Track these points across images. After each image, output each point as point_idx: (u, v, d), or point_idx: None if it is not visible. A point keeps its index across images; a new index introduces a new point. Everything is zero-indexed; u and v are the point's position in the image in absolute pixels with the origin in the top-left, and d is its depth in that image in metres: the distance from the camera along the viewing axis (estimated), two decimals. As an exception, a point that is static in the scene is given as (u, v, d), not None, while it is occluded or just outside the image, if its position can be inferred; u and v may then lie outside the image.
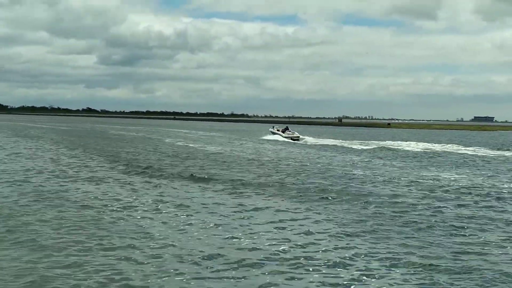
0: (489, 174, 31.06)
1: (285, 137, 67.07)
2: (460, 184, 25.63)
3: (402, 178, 27.52)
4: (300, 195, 21.30)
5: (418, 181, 26.34)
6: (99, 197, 20.06)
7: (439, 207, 19.11)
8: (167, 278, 10.95)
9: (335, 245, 13.59)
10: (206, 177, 26.30)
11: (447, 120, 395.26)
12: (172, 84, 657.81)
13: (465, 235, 14.94)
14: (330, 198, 20.71)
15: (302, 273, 11.43)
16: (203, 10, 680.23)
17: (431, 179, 27.41)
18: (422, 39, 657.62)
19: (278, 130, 71.35)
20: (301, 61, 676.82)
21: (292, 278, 11.15)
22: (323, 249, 13.25)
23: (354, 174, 28.95)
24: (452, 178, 28.10)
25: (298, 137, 67.49)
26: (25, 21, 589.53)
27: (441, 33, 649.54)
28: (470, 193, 22.68)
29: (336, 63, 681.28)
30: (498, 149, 56.79)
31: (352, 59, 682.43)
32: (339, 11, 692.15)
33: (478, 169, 34.13)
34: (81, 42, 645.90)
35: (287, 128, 70.67)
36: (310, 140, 67.22)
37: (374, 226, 15.78)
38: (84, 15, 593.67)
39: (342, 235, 14.62)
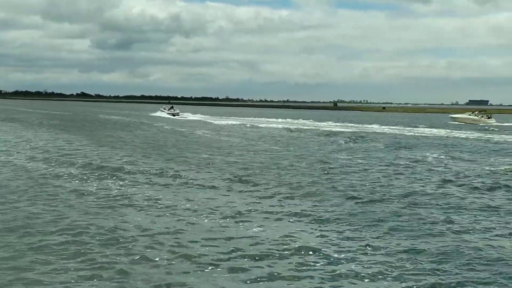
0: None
1: (168, 113, 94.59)
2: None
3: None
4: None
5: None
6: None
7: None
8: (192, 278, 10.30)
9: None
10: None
11: (442, 104, 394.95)
12: (168, 68, 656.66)
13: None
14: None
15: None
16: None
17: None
18: (416, 22, 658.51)
19: (164, 109, 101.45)
20: (297, 45, 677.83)
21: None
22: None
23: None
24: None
25: (178, 113, 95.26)
26: (19, 5, 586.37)
27: (436, 16, 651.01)
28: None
29: (331, 47, 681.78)
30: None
31: (347, 43, 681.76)
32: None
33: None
34: (76, 26, 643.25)
35: (172, 107, 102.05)
36: (188, 116, 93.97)
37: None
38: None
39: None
